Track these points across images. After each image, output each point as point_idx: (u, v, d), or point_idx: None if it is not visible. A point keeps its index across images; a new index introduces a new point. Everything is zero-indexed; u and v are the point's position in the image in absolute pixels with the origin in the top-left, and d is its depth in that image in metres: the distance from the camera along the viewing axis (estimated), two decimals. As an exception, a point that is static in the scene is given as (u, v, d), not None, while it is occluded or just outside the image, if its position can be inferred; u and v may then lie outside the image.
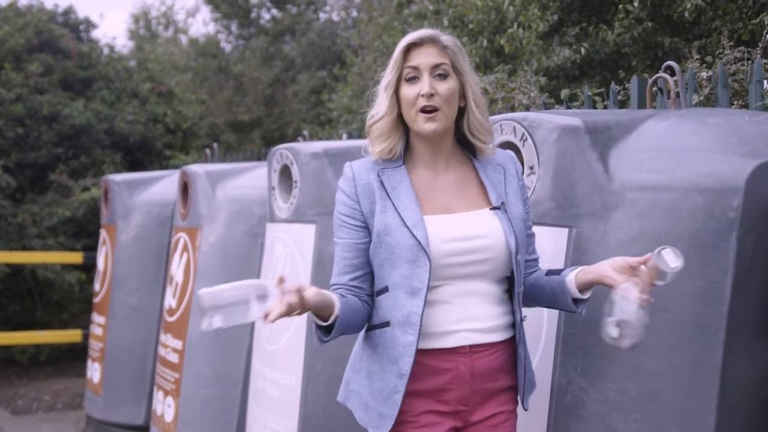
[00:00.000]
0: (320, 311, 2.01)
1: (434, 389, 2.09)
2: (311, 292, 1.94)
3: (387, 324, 2.09)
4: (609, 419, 2.29)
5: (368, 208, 2.11)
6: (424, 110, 2.07)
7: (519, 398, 2.23)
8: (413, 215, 2.06)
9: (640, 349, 2.26)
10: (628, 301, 1.92)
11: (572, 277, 2.13)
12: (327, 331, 2.06)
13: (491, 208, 2.11)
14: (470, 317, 2.09)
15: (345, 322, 2.06)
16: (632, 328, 1.91)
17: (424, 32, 2.11)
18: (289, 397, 3.62)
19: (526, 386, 2.21)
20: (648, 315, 1.92)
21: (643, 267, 1.97)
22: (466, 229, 2.08)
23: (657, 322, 2.24)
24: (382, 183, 2.11)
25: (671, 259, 1.92)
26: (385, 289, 2.10)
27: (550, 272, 2.24)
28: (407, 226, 2.05)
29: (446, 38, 2.12)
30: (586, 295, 2.14)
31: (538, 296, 2.25)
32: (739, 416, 2.24)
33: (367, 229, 2.12)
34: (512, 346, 2.18)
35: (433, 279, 2.06)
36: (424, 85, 2.06)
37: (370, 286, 2.16)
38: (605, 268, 2.03)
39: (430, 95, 2.06)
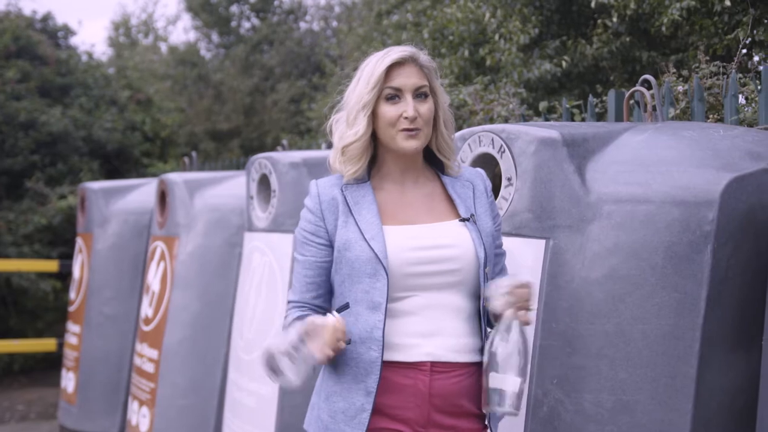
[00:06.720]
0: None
1: (391, 405, 2.03)
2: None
3: (348, 342, 2.02)
4: (585, 431, 2.30)
5: (333, 224, 2.10)
6: (406, 130, 2.05)
7: (487, 423, 2.13)
8: (372, 228, 2.05)
9: (616, 360, 2.28)
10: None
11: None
12: None
13: (460, 220, 2.10)
14: (436, 331, 2.05)
15: None
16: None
17: (404, 51, 2.08)
18: (265, 408, 3.60)
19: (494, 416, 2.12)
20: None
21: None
22: (431, 238, 2.06)
23: (633, 333, 2.26)
24: (345, 198, 2.10)
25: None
26: (346, 306, 2.06)
27: None
28: (366, 240, 2.03)
29: (423, 57, 2.11)
30: None
31: None
32: (714, 428, 2.25)
33: (330, 247, 2.10)
34: (480, 372, 2.09)
35: (398, 290, 2.04)
36: (409, 107, 2.04)
37: (329, 305, 2.16)
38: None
39: (414, 118, 2.04)
